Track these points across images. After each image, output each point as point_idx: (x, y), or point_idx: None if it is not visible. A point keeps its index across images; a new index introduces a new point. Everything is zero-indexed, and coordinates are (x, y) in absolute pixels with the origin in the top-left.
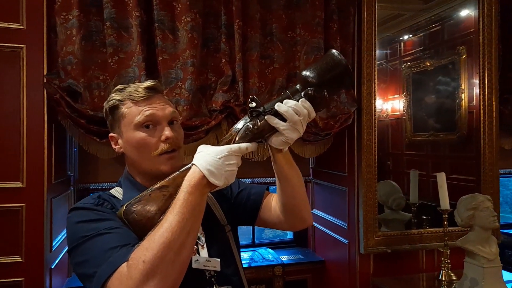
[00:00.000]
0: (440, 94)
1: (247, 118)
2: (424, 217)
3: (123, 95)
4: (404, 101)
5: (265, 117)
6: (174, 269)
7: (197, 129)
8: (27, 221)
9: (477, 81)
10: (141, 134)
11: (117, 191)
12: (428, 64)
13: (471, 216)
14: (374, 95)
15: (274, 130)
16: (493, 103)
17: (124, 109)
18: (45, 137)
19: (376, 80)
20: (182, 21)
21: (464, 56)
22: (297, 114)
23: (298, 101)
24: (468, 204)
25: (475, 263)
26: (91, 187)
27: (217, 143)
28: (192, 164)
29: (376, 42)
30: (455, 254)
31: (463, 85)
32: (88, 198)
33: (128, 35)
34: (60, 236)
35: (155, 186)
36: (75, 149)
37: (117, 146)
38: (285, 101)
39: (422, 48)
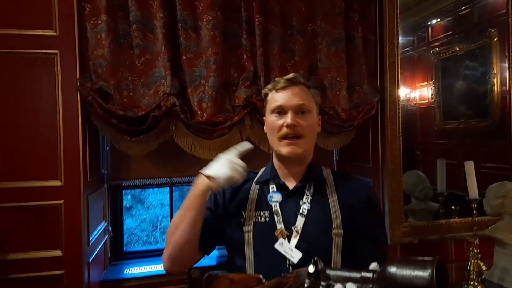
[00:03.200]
0: (471, 80)
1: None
2: (453, 207)
3: (273, 85)
4: (433, 88)
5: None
6: (171, 242)
7: (222, 125)
8: (65, 217)
9: (507, 65)
10: (272, 118)
11: (262, 168)
12: (458, 49)
13: (500, 205)
14: (398, 84)
15: None
16: None
17: (269, 96)
18: (80, 137)
19: (399, 69)
20: (204, 19)
21: (495, 39)
22: None
23: None
24: (497, 192)
25: (506, 252)
26: (123, 184)
27: (240, 138)
28: None
29: (399, 30)
30: (485, 244)
31: (495, 69)
32: None
33: (154, 36)
34: (97, 231)
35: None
36: (107, 148)
37: (265, 127)
38: (347, 285)
39: (450, 32)
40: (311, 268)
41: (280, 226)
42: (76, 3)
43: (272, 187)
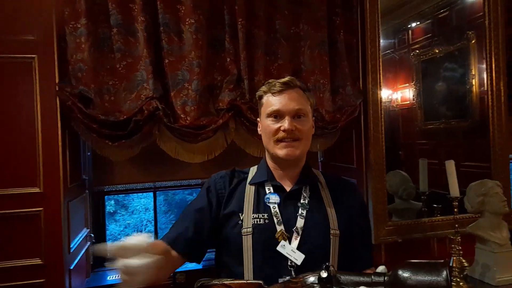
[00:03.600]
0: (450, 81)
1: (317, 278)
2: (435, 205)
3: (267, 87)
4: (414, 89)
5: None
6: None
7: (206, 128)
8: (45, 225)
9: (484, 66)
10: (268, 122)
11: (253, 169)
12: (437, 51)
13: (481, 202)
14: (380, 86)
15: None
16: (501, 87)
17: (264, 99)
18: (60, 143)
19: (381, 71)
20: (187, 23)
21: (473, 41)
22: None
23: None
24: (477, 190)
25: (486, 248)
26: (105, 189)
27: (225, 141)
28: None
29: (380, 33)
30: (466, 241)
31: (473, 70)
32: (224, 171)
33: (135, 39)
34: (78, 238)
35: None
36: (89, 153)
37: (259, 129)
38: None
39: (430, 35)
40: (323, 274)
41: (280, 228)
42: (54, 7)
43: (269, 189)
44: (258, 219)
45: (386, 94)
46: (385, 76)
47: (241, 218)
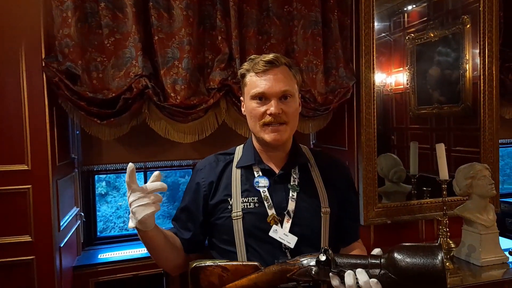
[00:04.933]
0: (444, 66)
1: (315, 261)
2: (424, 188)
3: (250, 65)
4: (408, 74)
5: (330, 274)
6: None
7: (196, 108)
8: (34, 202)
9: (477, 51)
10: (253, 104)
11: (238, 150)
12: (432, 35)
13: (469, 185)
14: (373, 69)
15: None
16: (494, 72)
17: (247, 78)
18: (47, 120)
19: (375, 53)
20: None
21: (468, 26)
22: None
23: (370, 275)
24: (466, 173)
25: (473, 230)
26: (95, 169)
27: (216, 121)
28: None
29: (374, 14)
30: (454, 224)
31: (467, 55)
32: (206, 159)
33: (123, 15)
34: (68, 216)
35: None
36: (77, 132)
37: (243, 109)
38: (357, 271)
39: (426, 19)
40: (322, 257)
41: (271, 212)
42: None
43: (257, 172)
44: (248, 203)
45: (380, 78)
46: (380, 60)
47: (230, 203)
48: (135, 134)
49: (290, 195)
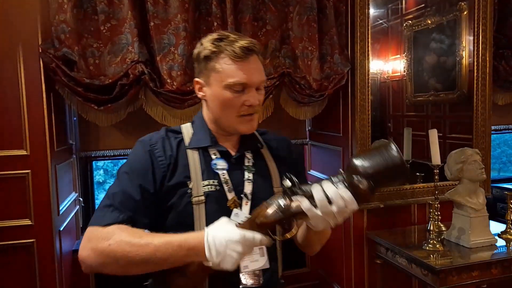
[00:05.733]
0: (441, 53)
1: (282, 191)
2: (417, 174)
3: (220, 47)
4: (405, 61)
5: (298, 198)
6: (116, 270)
7: (192, 94)
8: (33, 187)
9: (472, 38)
10: (228, 95)
11: (186, 129)
12: (430, 22)
13: (460, 169)
14: (368, 55)
15: (305, 216)
16: (487, 58)
17: (218, 63)
18: (45, 106)
19: (370, 40)
20: None
21: (465, 13)
22: (332, 204)
23: (339, 189)
24: (457, 158)
25: (463, 213)
26: (93, 155)
27: None
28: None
29: (369, 0)
30: (445, 208)
31: (463, 42)
32: (154, 135)
33: (119, 1)
34: (67, 201)
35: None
36: (75, 118)
37: (201, 93)
38: (325, 186)
39: (423, 5)
40: (287, 183)
41: (231, 195)
42: None
43: (215, 154)
44: (210, 186)
45: (377, 65)
46: (376, 47)
47: (190, 186)
48: (132, 120)
49: (246, 177)
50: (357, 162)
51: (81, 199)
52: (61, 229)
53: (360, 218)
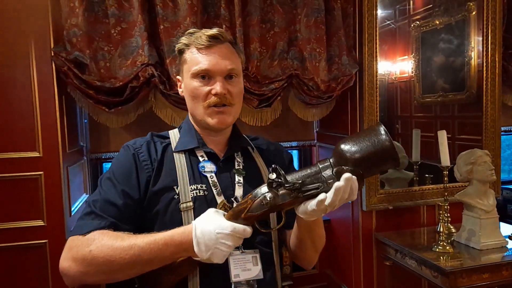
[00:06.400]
0: (449, 54)
1: (267, 183)
2: (426, 175)
3: (190, 39)
4: (413, 62)
5: (291, 193)
6: (101, 277)
7: None
8: (46, 188)
9: (481, 38)
10: (195, 84)
11: (174, 133)
12: (438, 22)
13: (469, 171)
14: (376, 57)
15: (293, 206)
16: (496, 59)
17: (187, 54)
18: (57, 108)
19: (378, 41)
20: None
21: (474, 13)
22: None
23: (327, 178)
24: (467, 159)
25: (473, 215)
26: (103, 157)
27: None
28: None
29: (377, 2)
30: (454, 209)
31: (472, 42)
32: (139, 139)
33: (129, 4)
34: (78, 202)
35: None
36: (85, 121)
37: (180, 90)
38: (320, 196)
39: (431, 6)
40: (272, 175)
41: (220, 199)
42: None
43: (202, 156)
44: (197, 191)
45: (385, 66)
46: (384, 48)
47: (177, 191)
48: (141, 122)
49: (236, 180)
50: (345, 146)
51: None
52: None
53: (369, 220)
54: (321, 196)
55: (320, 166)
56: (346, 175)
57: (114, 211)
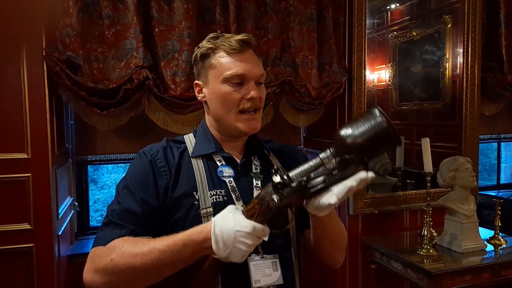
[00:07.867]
0: (426, 64)
1: (271, 187)
2: (408, 181)
3: (216, 44)
4: (391, 71)
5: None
6: (125, 287)
7: (194, 100)
8: (34, 191)
9: (461, 50)
10: (227, 88)
11: (189, 138)
12: (415, 33)
13: (452, 177)
14: (364, 65)
15: (301, 203)
16: (476, 71)
17: (214, 59)
18: (47, 109)
19: (366, 50)
20: None
21: (449, 25)
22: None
23: (331, 169)
24: (450, 165)
25: (455, 219)
26: (88, 159)
27: None
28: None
29: (366, 12)
30: (436, 215)
31: (447, 54)
32: (155, 145)
33: (124, 6)
34: (63, 205)
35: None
36: (71, 122)
37: (200, 95)
38: (326, 197)
39: (409, 17)
40: (276, 178)
41: (239, 203)
42: None
43: (220, 161)
44: (217, 196)
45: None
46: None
47: (197, 197)
48: (129, 125)
49: (254, 183)
50: (345, 132)
51: (76, 203)
52: (59, 233)
53: (355, 224)
54: (333, 199)
55: (322, 158)
56: (362, 174)
57: (134, 219)
